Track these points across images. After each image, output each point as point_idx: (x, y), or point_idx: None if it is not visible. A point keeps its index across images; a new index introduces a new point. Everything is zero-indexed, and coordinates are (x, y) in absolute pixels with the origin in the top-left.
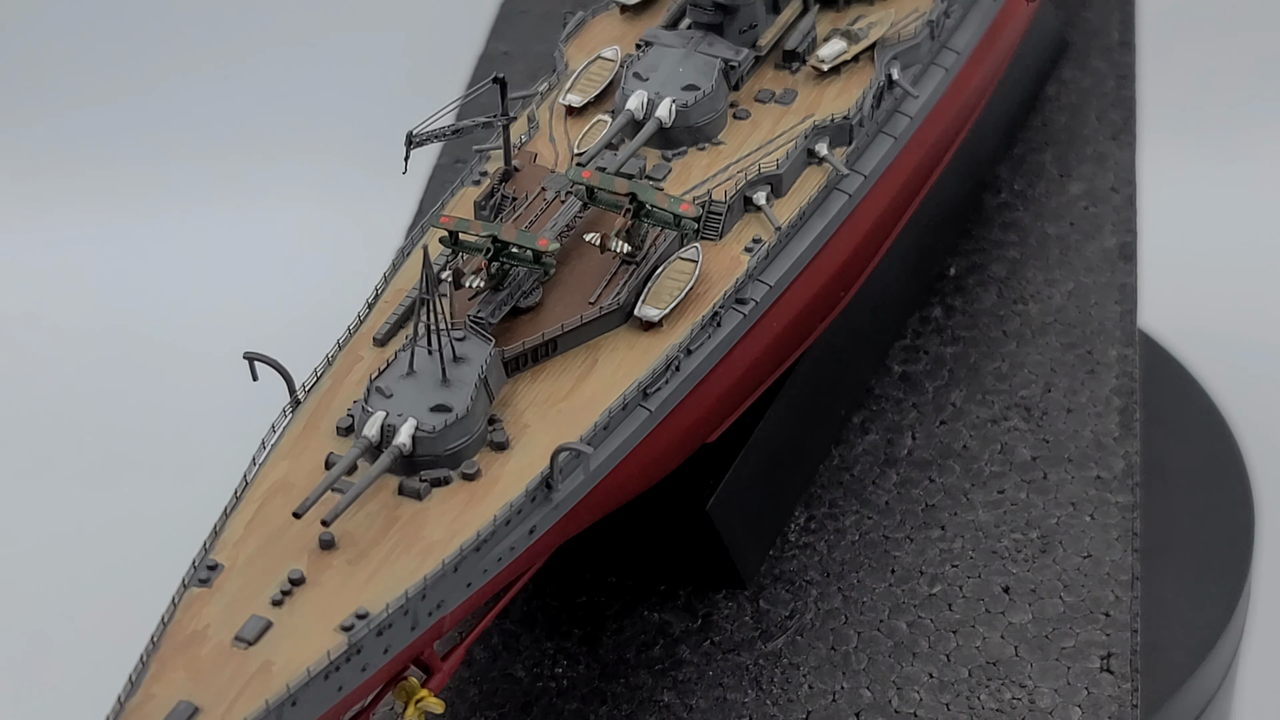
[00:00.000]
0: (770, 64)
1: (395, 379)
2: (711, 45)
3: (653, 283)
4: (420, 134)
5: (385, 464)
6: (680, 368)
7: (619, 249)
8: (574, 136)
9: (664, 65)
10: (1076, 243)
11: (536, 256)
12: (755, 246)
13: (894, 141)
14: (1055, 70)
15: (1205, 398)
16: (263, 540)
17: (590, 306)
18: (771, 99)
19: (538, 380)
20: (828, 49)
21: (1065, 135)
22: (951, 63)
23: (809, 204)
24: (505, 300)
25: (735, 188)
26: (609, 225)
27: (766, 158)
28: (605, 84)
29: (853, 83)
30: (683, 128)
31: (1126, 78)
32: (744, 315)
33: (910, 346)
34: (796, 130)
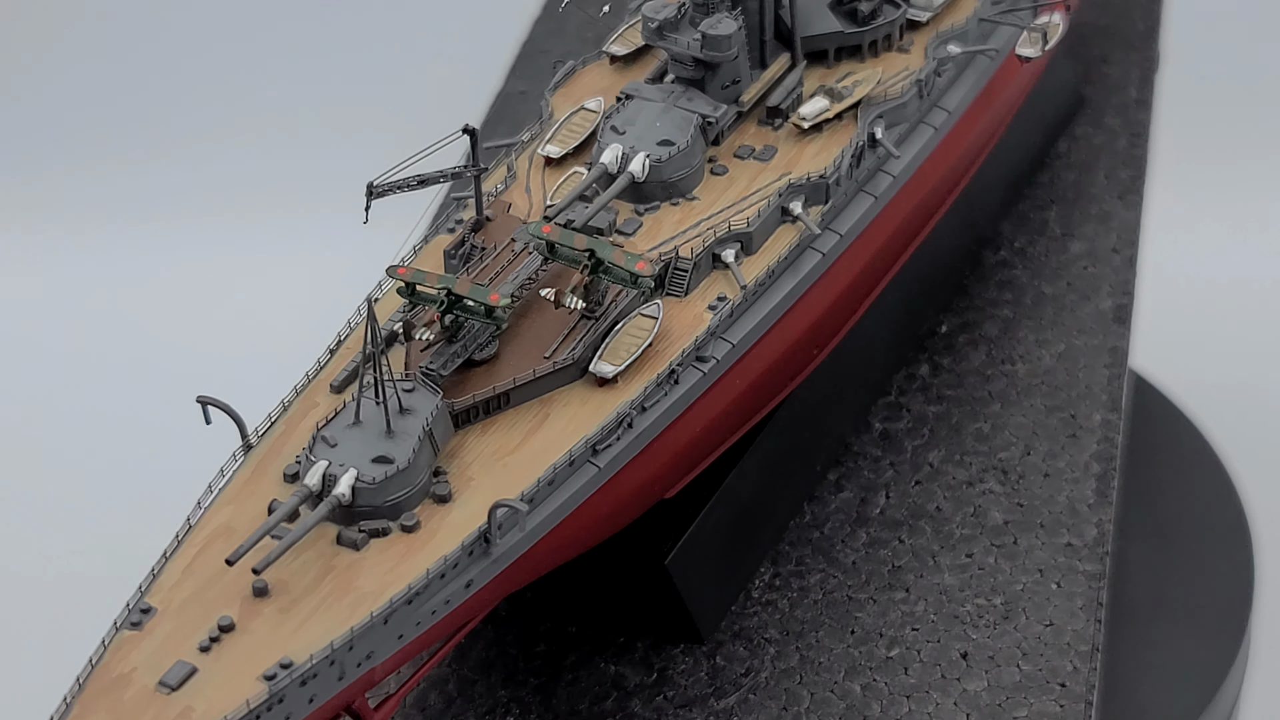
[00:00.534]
0: (754, 119)
1: (341, 428)
2: (691, 100)
3: (611, 338)
4: (381, 184)
5: (322, 514)
6: (633, 425)
7: (573, 305)
8: (550, 187)
9: (641, 119)
10: (1072, 303)
11: (488, 311)
12: (719, 304)
13: (874, 200)
14: (1069, 126)
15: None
16: (198, 585)
17: (545, 361)
18: (750, 155)
19: (488, 433)
20: (809, 106)
21: (1072, 193)
22: (942, 122)
23: (779, 263)
24: (458, 353)
25: (703, 245)
26: (569, 280)
27: (739, 215)
28: (585, 136)
29: (834, 141)
30: (656, 183)
31: (1139, 136)
32: (703, 373)
33: (894, 403)
34: (772, 188)
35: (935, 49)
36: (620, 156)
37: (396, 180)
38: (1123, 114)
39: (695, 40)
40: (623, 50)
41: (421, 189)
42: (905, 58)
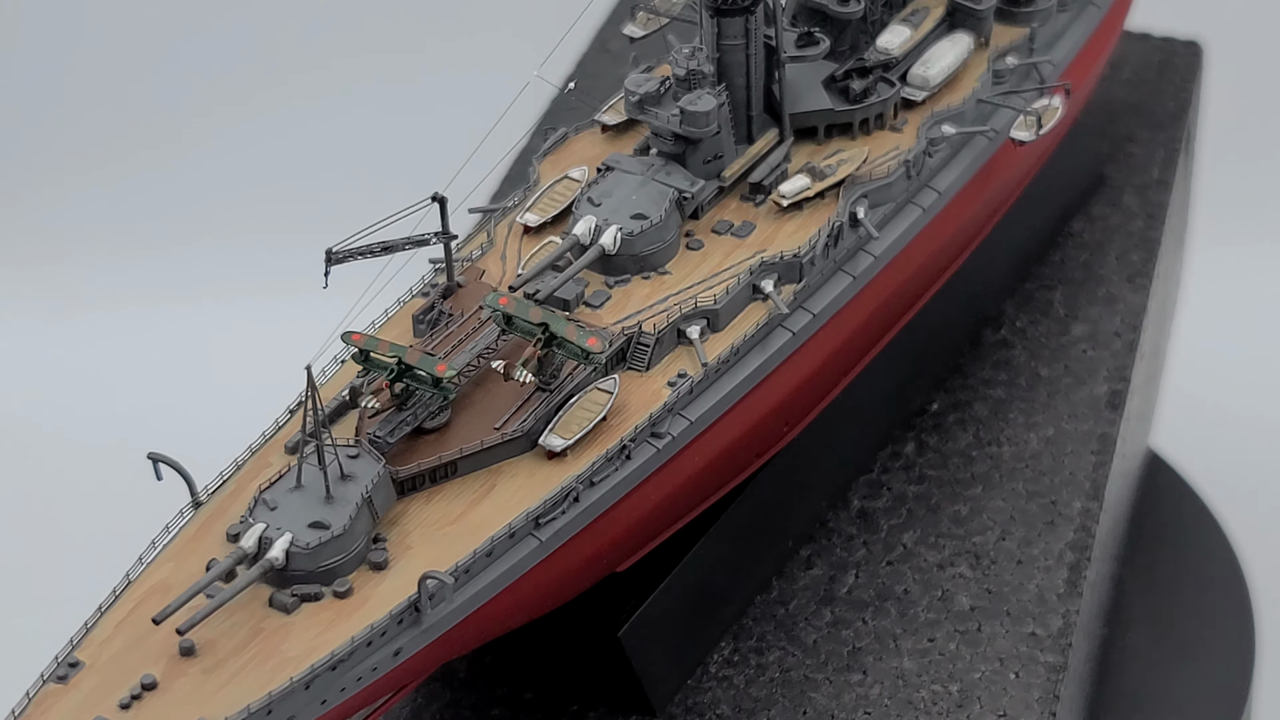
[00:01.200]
0: (737, 195)
1: (283, 491)
2: (670, 175)
3: (564, 412)
4: (341, 250)
5: (253, 576)
6: (580, 499)
7: (523, 378)
8: (526, 255)
9: (618, 192)
10: (1067, 387)
11: (435, 381)
12: (679, 381)
13: (853, 280)
14: (1086, 205)
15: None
16: (128, 641)
17: (494, 432)
18: (728, 231)
19: (432, 501)
20: (789, 184)
21: (1081, 274)
22: (932, 202)
23: (744, 341)
24: (407, 420)
25: (668, 321)
26: (523, 352)
27: (708, 291)
28: (566, 205)
29: (814, 219)
30: (627, 256)
31: (1156, 218)
32: (658, 449)
33: (875, 481)
34: (745, 265)
35: (928, 129)
36: (593, 228)
37: (358, 247)
38: (1142, 195)
39: (675, 116)
40: (614, 120)
41: (386, 256)
42: (897, 137)
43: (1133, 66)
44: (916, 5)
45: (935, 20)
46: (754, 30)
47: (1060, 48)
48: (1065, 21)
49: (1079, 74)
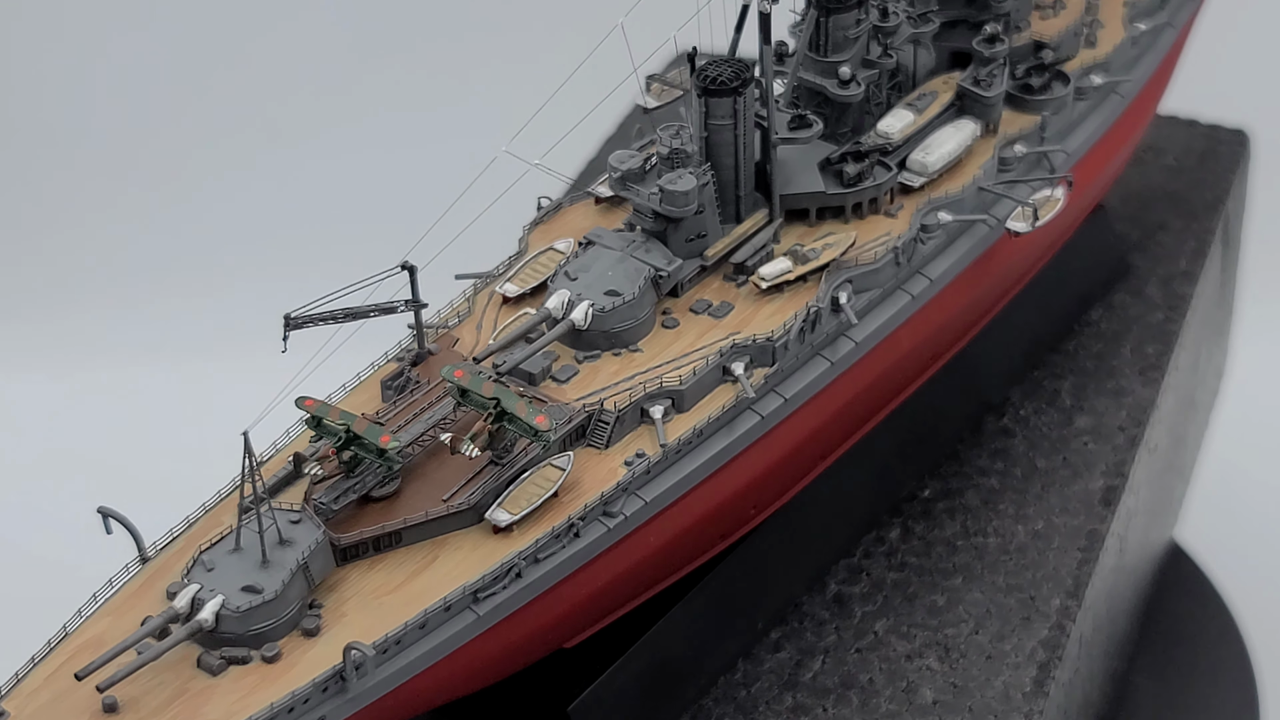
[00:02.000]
0: (720, 274)
1: (221, 553)
2: (649, 252)
3: (514, 487)
4: (300, 316)
5: (180, 637)
6: (523, 575)
7: (469, 452)
8: (501, 326)
9: (595, 267)
10: (1063, 480)
11: (380, 452)
12: (636, 461)
13: (831, 366)
14: (1107, 294)
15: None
16: (54, 694)
17: (441, 503)
18: (706, 310)
19: (374, 569)
20: (770, 267)
21: (1093, 364)
22: (922, 290)
23: (708, 423)
24: (354, 488)
25: (630, 399)
26: (473, 426)
27: (677, 371)
28: (546, 276)
29: (795, 302)
30: (598, 332)
31: (1177, 310)
32: (609, 529)
33: (855, 566)
34: (717, 346)
35: (924, 215)
36: (566, 303)
37: (319, 313)
38: (1166, 286)
39: (655, 194)
40: (608, 192)
41: (352, 322)
42: (891, 222)
43: (1175, 153)
44: (925, 90)
45: (942, 105)
46: (742, 111)
47: (1075, 137)
48: (1083, 110)
49: (1095, 164)
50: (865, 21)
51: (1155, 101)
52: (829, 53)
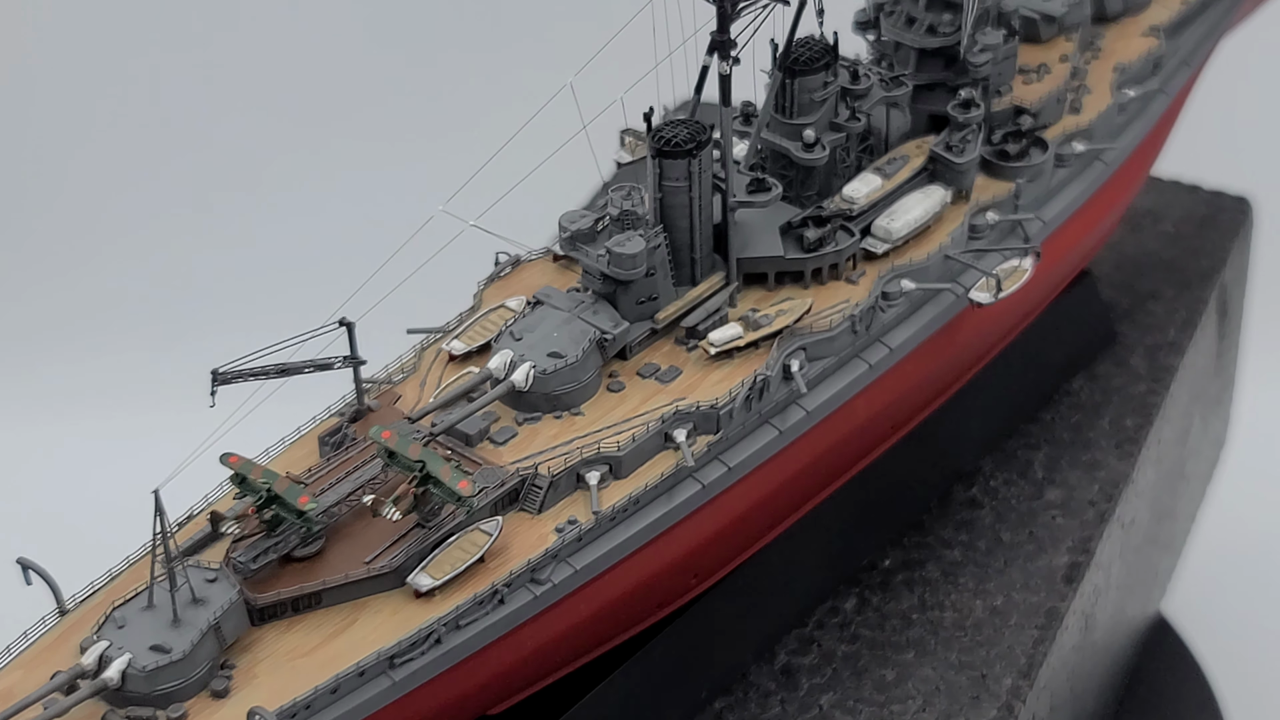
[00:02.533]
0: (672, 337)
1: (134, 610)
2: (596, 314)
3: (440, 551)
4: (228, 372)
5: (84, 695)
6: (442, 641)
7: (390, 515)
8: (445, 384)
9: (541, 327)
10: (1027, 554)
11: (299, 513)
12: (568, 527)
13: (780, 434)
14: (1091, 363)
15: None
16: None
17: (363, 566)
18: (653, 374)
19: (291, 630)
20: (720, 332)
21: (1069, 435)
22: (881, 358)
23: (645, 491)
24: (274, 548)
25: (565, 464)
26: (396, 488)
27: (616, 437)
28: (494, 335)
29: (746, 368)
30: (539, 394)
31: (1161, 382)
32: (536, 596)
33: (807, 637)
34: (660, 412)
35: (885, 283)
36: (508, 363)
37: (250, 368)
38: (1151, 357)
39: (603, 256)
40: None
41: (283, 379)
42: (851, 289)
43: (1174, 219)
44: (896, 154)
45: (912, 170)
46: (697, 174)
47: (1054, 205)
48: (1064, 178)
49: (1076, 232)
50: (833, 84)
51: (1145, 168)
52: (795, 115)
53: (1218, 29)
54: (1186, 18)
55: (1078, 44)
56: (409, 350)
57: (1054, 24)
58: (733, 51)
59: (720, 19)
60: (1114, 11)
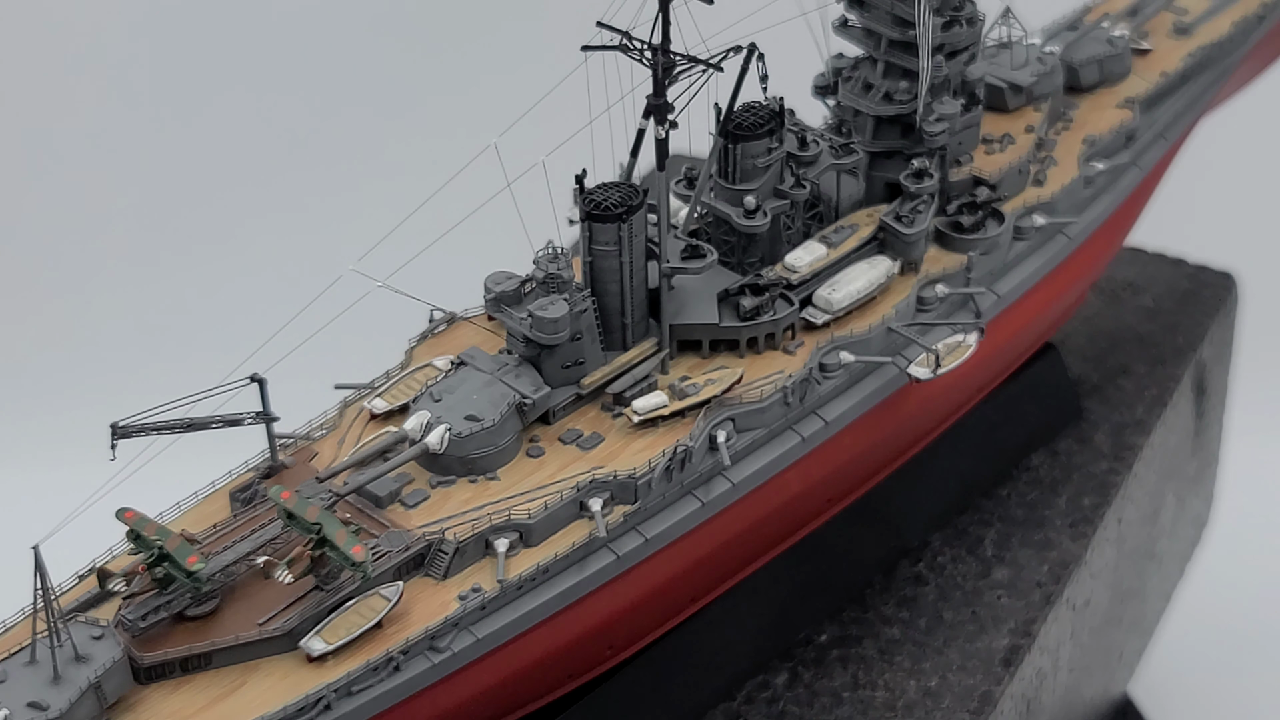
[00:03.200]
0: (599, 403)
1: (16, 665)
2: (518, 378)
3: (337, 614)
4: (129, 426)
5: None
6: (332, 707)
7: (282, 578)
8: (362, 442)
9: (462, 389)
10: (967, 635)
11: (189, 572)
12: (471, 595)
13: (702, 506)
14: (1053, 439)
15: None
16: None
17: (255, 627)
18: (575, 440)
19: (178, 691)
20: (644, 400)
21: (1023, 513)
22: (814, 431)
23: (555, 560)
24: (165, 606)
25: (472, 530)
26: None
27: (529, 504)
28: (417, 394)
29: (671, 437)
30: (454, 457)
31: (1123, 461)
32: (433, 664)
33: (733, 712)
34: (578, 479)
35: (823, 354)
36: (424, 425)
37: (153, 422)
38: (1116, 435)
39: (525, 319)
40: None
41: (189, 433)
42: (788, 360)
43: (1155, 292)
44: (846, 222)
45: (860, 240)
46: (628, 238)
47: (1010, 279)
48: (1022, 251)
49: (1033, 307)
50: (777, 150)
51: (1116, 242)
52: (737, 180)
53: (1198, 105)
54: (1164, 90)
55: (1046, 114)
56: (335, 406)
57: (1021, 94)
58: (670, 115)
59: (656, 82)
60: (1089, 82)
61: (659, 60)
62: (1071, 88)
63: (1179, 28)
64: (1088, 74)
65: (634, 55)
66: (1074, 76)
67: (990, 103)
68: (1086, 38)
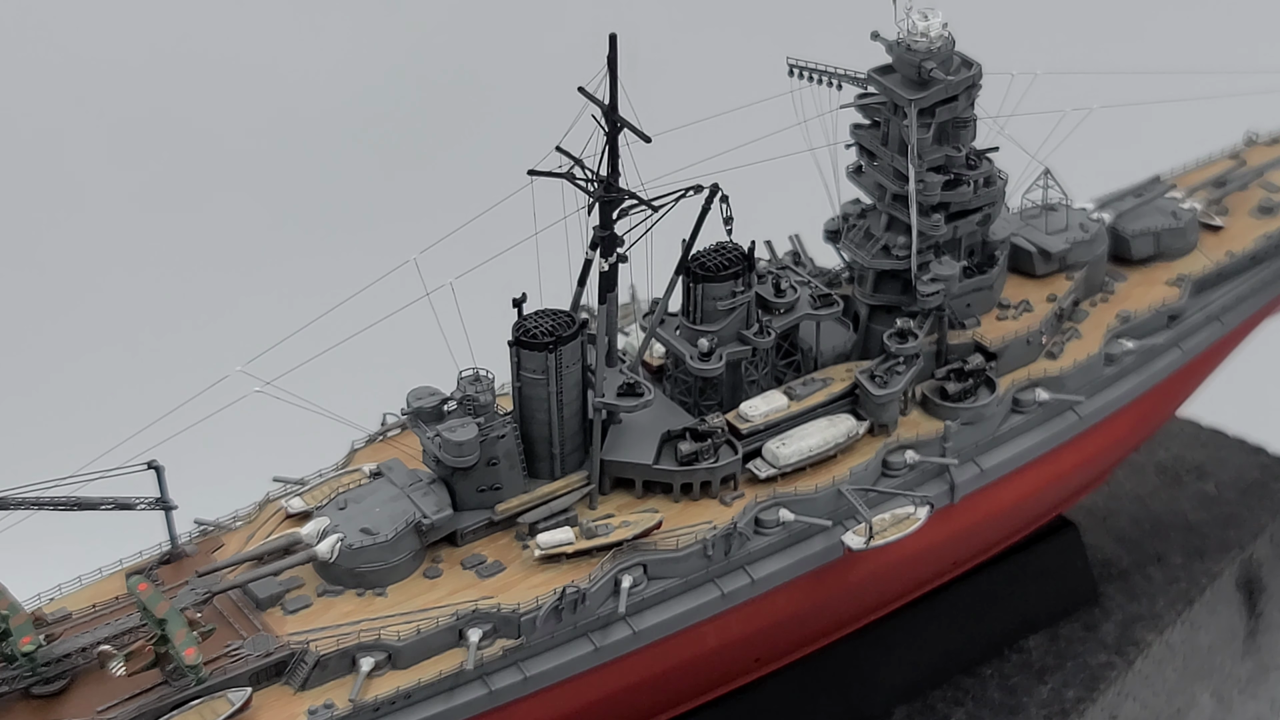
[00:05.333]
0: (513, 531)
1: None
2: (424, 496)
3: (178, 713)
4: (10, 499)
5: None
6: None
7: (115, 670)
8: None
9: (369, 500)
10: None
11: (26, 652)
12: (322, 710)
13: (595, 651)
14: (1055, 622)
15: None
16: None
17: (94, 715)
18: (476, 566)
19: None
20: (549, 535)
21: (999, 696)
22: (738, 588)
23: (419, 686)
24: (6, 681)
25: (338, 645)
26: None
27: (407, 625)
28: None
29: (575, 574)
30: (344, 569)
31: (1125, 657)
32: None
33: None
34: (466, 606)
35: (761, 509)
36: (320, 532)
37: (39, 497)
38: (1126, 628)
39: (434, 438)
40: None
41: (78, 511)
42: (722, 510)
43: (1221, 479)
44: (823, 374)
45: (829, 395)
46: (554, 368)
47: (998, 453)
48: (1019, 425)
49: (1027, 485)
50: (743, 294)
51: (1145, 426)
52: (699, 320)
53: (1269, 291)
54: (1226, 271)
55: (1077, 284)
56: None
57: (1051, 260)
58: (619, 248)
59: (602, 214)
60: (1141, 255)
61: (599, 194)
62: (1122, 258)
63: (1265, 206)
64: (1140, 246)
65: (579, 185)
66: (1125, 247)
67: (1019, 266)
68: (1148, 207)
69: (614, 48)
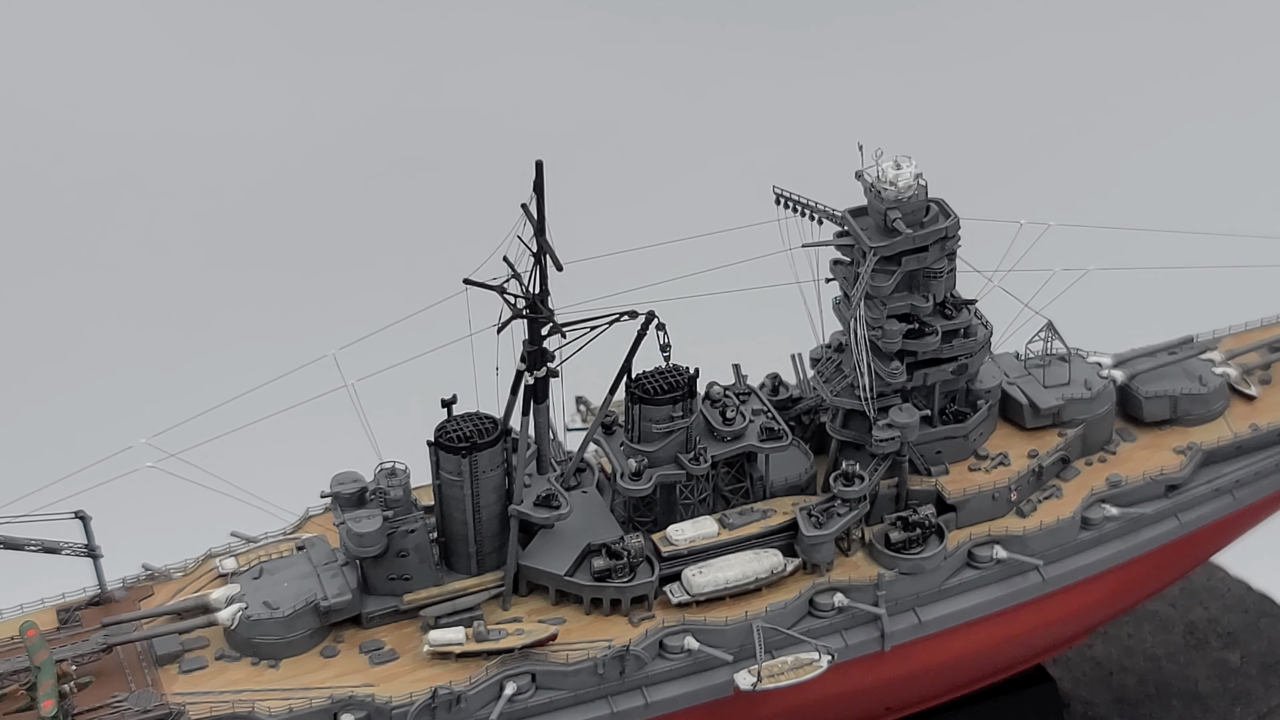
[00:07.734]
0: (420, 621)
1: None
2: (332, 577)
3: None
4: None
5: None
6: None
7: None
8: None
9: (283, 573)
10: None
11: None
12: None
13: None
14: None
15: None
16: None
17: None
18: (371, 651)
19: None
20: (441, 633)
21: None
22: (627, 709)
23: None
24: None
25: (213, 712)
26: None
27: (288, 701)
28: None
29: (463, 674)
30: (243, 638)
31: None
32: None
33: None
34: (341, 691)
35: (668, 635)
36: (228, 599)
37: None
38: None
39: (341, 525)
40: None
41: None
42: (627, 629)
43: (1250, 650)
44: (765, 505)
45: (765, 528)
46: (470, 472)
47: (941, 607)
48: (970, 580)
49: (971, 643)
50: (681, 419)
51: (1128, 595)
52: (638, 440)
53: None
54: (1244, 445)
55: (1069, 441)
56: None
57: (1040, 414)
58: (550, 363)
59: (531, 330)
60: (1154, 417)
61: (518, 311)
62: (1132, 417)
63: None
64: (1153, 409)
65: (506, 300)
66: (1137, 408)
67: (1009, 416)
68: (1174, 368)
69: (540, 173)
